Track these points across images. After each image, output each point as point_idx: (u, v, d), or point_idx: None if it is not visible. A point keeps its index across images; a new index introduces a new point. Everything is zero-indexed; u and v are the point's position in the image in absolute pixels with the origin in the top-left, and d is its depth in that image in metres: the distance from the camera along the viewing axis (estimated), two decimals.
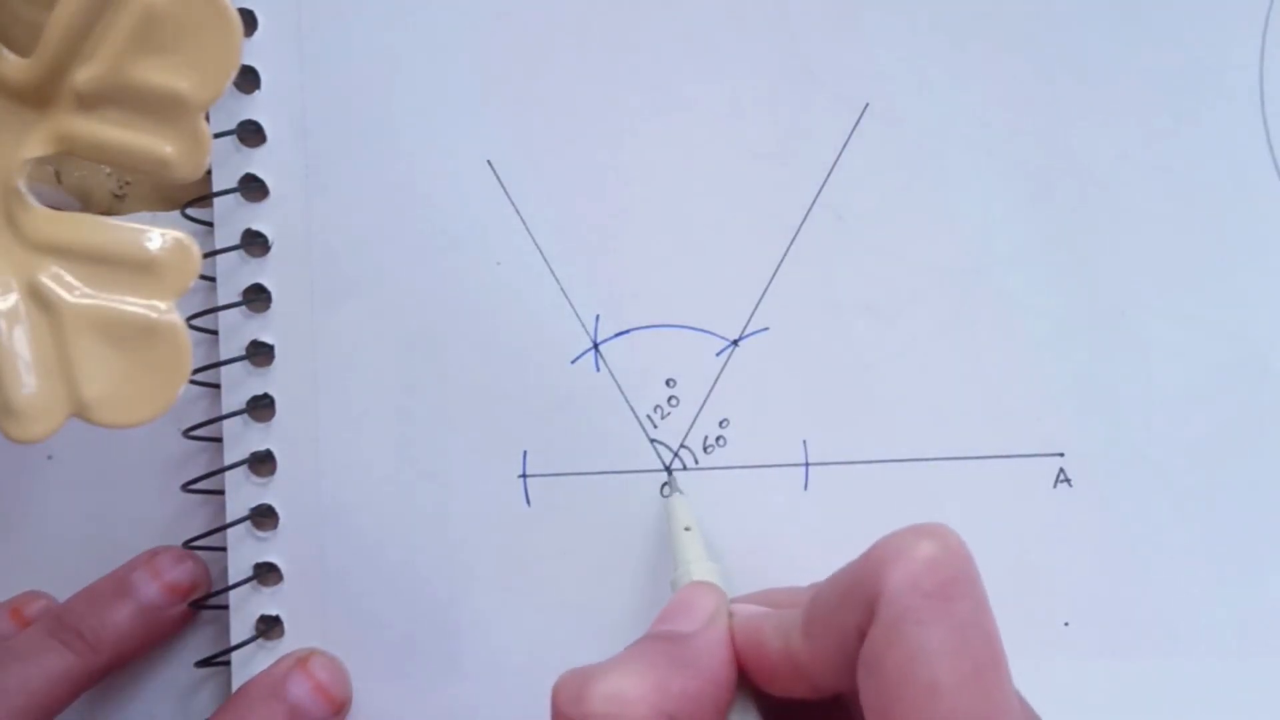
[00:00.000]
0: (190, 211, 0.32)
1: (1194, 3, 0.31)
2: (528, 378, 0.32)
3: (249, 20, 0.32)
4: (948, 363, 0.32)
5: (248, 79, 0.32)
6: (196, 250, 0.25)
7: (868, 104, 0.32)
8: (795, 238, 0.32)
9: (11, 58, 0.24)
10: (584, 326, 0.32)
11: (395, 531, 0.32)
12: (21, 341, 0.24)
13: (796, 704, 0.23)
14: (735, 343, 0.32)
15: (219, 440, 0.32)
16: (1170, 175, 0.32)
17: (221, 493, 0.32)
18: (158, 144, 0.24)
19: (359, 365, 0.32)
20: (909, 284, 0.32)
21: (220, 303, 0.32)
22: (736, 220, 0.32)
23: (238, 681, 0.32)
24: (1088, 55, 0.32)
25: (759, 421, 0.32)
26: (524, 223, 0.32)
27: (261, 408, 0.32)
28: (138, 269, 0.24)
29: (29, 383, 0.24)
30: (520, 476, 0.32)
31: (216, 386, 0.32)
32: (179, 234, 0.25)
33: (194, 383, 0.32)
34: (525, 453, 0.32)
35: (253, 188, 0.32)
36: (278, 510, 0.32)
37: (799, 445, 0.32)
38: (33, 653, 0.29)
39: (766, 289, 0.32)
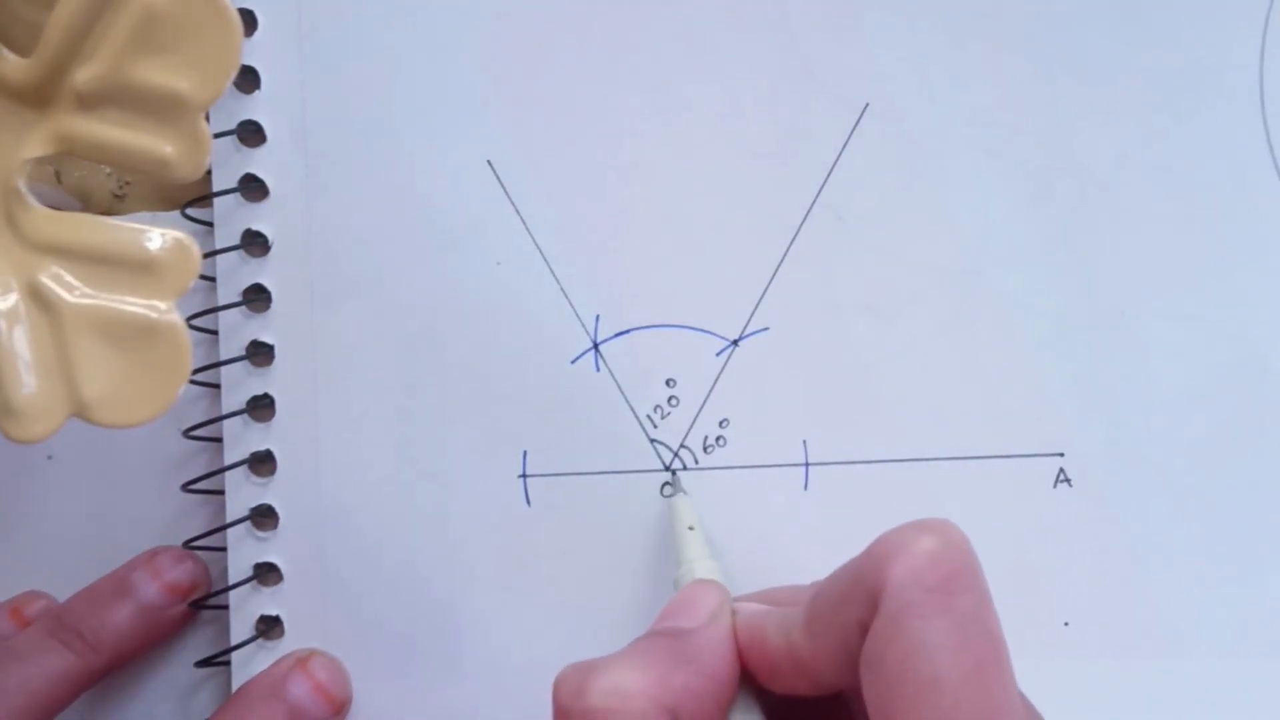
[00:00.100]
0: (190, 211, 0.32)
1: (1194, 3, 0.31)
2: (528, 378, 0.32)
3: (249, 20, 0.32)
4: (948, 363, 0.32)
5: (248, 79, 0.32)
6: (196, 250, 0.25)
7: (868, 104, 0.32)
8: (795, 238, 0.32)
9: (11, 58, 0.24)
10: (584, 326, 0.32)
11: (395, 531, 0.32)
12: (21, 341, 0.24)
13: (798, 701, 0.23)
14: (735, 343, 0.32)
15: (219, 440, 0.32)
16: (1170, 175, 0.32)
17: (221, 493, 0.32)
18: (158, 144, 0.24)
19: (359, 365, 0.32)
20: (909, 284, 0.32)
21: (220, 303, 0.32)
22: (736, 220, 0.32)
23: (238, 681, 0.32)
24: (1088, 55, 0.32)
25: (759, 421, 0.32)
26: (524, 223, 0.32)
27: (261, 408, 0.32)
28: (138, 269, 0.24)
29: (29, 383, 0.24)
30: (520, 476, 0.32)
31: (216, 386, 0.32)
32: (179, 234, 0.25)
33: (194, 383, 0.32)
34: (525, 453, 0.32)
35: (253, 188, 0.32)
36: (278, 510, 0.32)
37: (799, 445, 0.32)
38: (33, 653, 0.29)
39: (766, 289, 0.32)
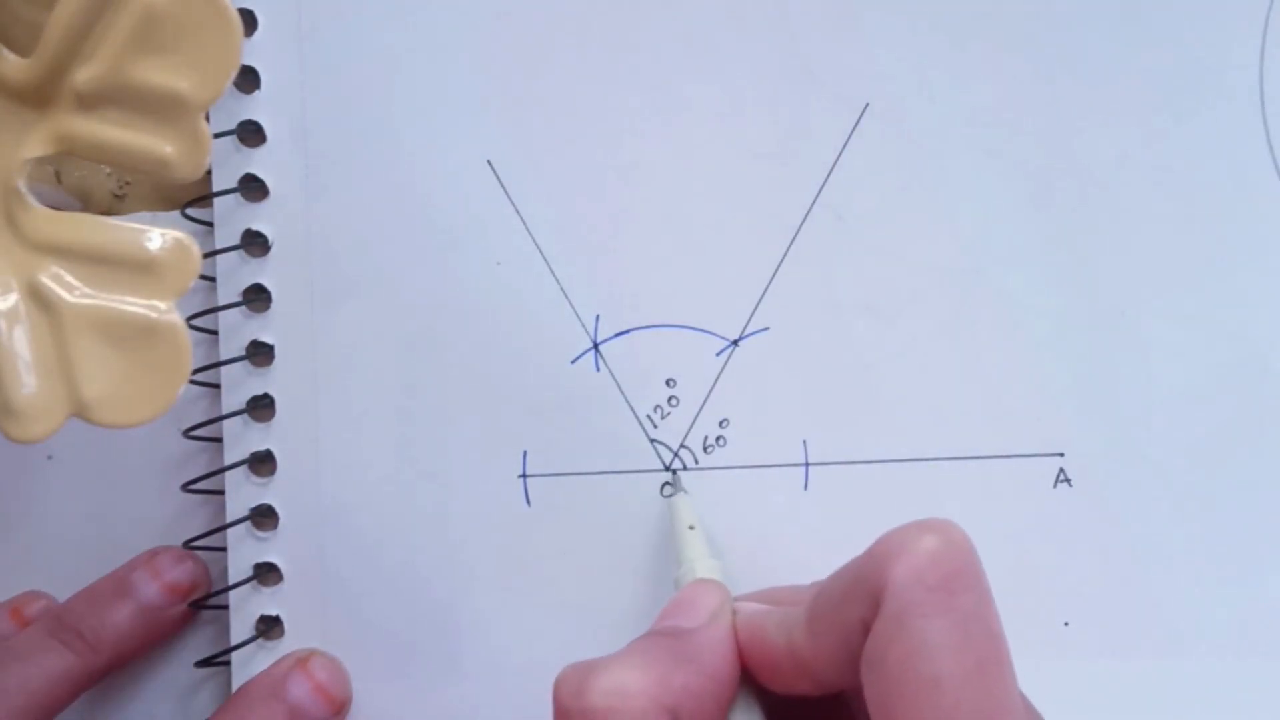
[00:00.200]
0: (190, 211, 0.32)
1: (1194, 3, 0.31)
2: (528, 378, 0.32)
3: (249, 20, 0.32)
4: (948, 363, 0.32)
5: (248, 79, 0.32)
6: (196, 250, 0.25)
7: (868, 104, 0.32)
8: (795, 238, 0.32)
9: (11, 58, 0.24)
10: (584, 326, 0.32)
11: (395, 531, 0.32)
12: (21, 341, 0.24)
13: (799, 701, 0.23)
14: (735, 343, 0.32)
15: (219, 440, 0.32)
16: (1170, 175, 0.32)
17: (221, 493, 0.32)
18: (158, 144, 0.24)
19: (359, 365, 0.32)
20: (909, 284, 0.32)
21: (220, 303, 0.32)
22: (736, 220, 0.32)
23: (238, 681, 0.32)
24: (1088, 55, 0.32)
25: (759, 421, 0.32)
26: (524, 223, 0.32)
27: (261, 408, 0.32)
28: (138, 269, 0.24)
29: (29, 383, 0.24)
30: (520, 476, 0.32)
31: (216, 386, 0.32)
32: (179, 234, 0.25)
33: (194, 383, 0.32)
34: (525, 453, 0.32)
35: (253, 188, 0.32)
36: (278, 510, 0.32)
37: (799, 445, 0.32)
38: (33, 653, 0.29)
39: (766, 289, 0.32)
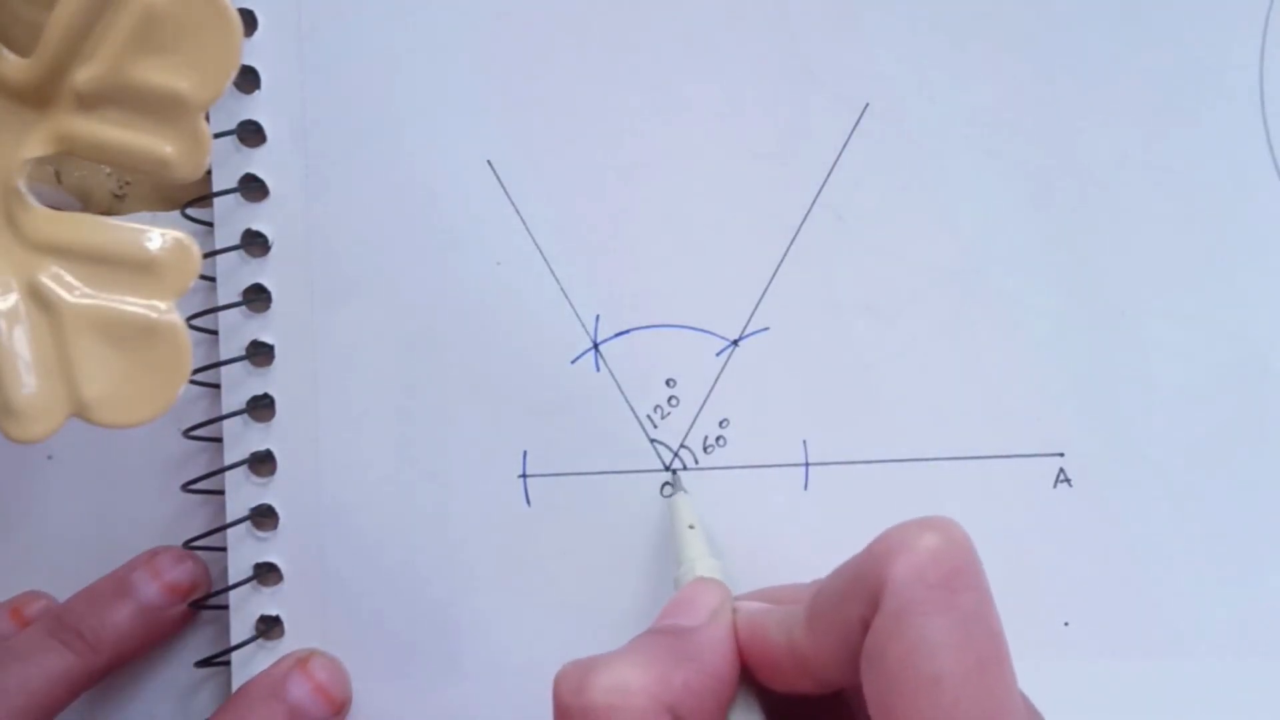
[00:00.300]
0: (190, 211, 0.32)
1: (1194, 3, 0.31)
2: (528, 378, 0.32)
3: (249, 20, 0.32)
4: (948, 363, 0.32)
5: (248, 79, 0.32)
6: (196, 250, 0.25)
7: (868, 104, 0.32)
8: (795, 238, 0.32)
9: (11, 58, 0.24)
10: (584, 326, 0.32)
11: (395, 531, 0.32)
12: (21, 341, 0.24)
13: (799, 700, 0.23)
14: (735, 343, 0.32)
15: (219, 440, 0.32)
16: (1170, 175, 0.31)
17: (221, 493, 0.32)
18: (158, 144, 0.24)
19: (359, 365, 0.32)
20: (909, 284, 0.32)
21: (220, 303, 0.32)
22: (736, 220, 0.32)
23: (238, 681, 0.32)
24: (1088, 55, 0.32)
25: (759, 421, 0.32)
26: (524, 223, 0.32)
27: (261, 408, 0.32)
28: (138, 269, 0.24)
29: (29, 383, 0.24)
30: (520, 476, 0.32)
31: (216, 386, 0.32)
32: (179, 234, 0.25)
33: (194, 383, 0.32)
34: (525, 453, 0.32)
35: (253, 188, 0.32)
36: (278, 510, 0.32)
37: (799, 445, 0.32)
38: (33, 653, 0.29)
39: (766, 289, 0.32)
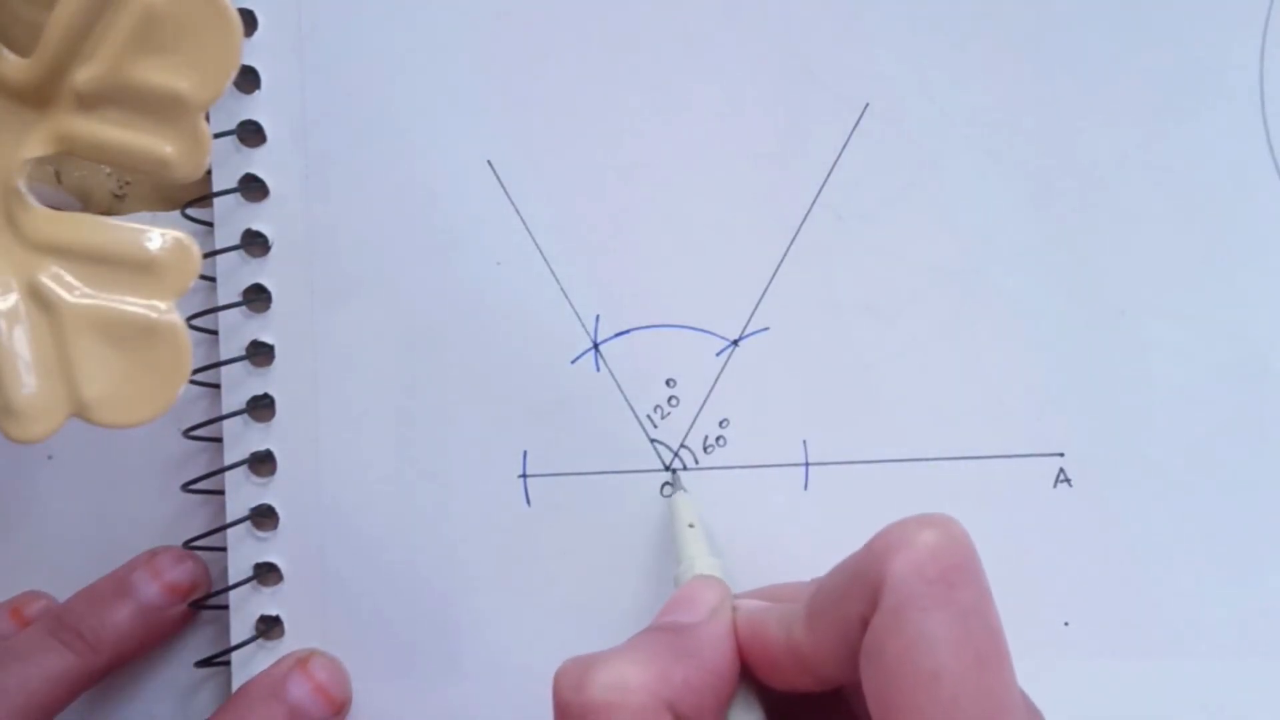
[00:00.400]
0: (190, 211, 0.32)
1: (1194, 3, 0.31)
2: (528, 378, 0.32)
3: (249, 20, 0.32)
4: (948, 363, 0.32)
5: (248, 79, 0.32)
6: (196, 250, 0.25)
7: (868, 104, 0.32)
8: (795, 238, 0.32)
9: (11, 58, 0.24)
10: (584, 326, 0.32)
11: (395, 531, 0.32)
12: (21, 341, 0.24)
13: (798, 698, 0.23)
14: (735, 343, 0.32)
15: (219, 440, 0.32)
16: (1170, 175, 0.31)
17: (221, 493, 0.32)
18: (158, 144, 0.24)
19: (359, 365, 0.32)
20: (909, 284, 0.32)
21: (220, 303, 0.32)
22: (736, 220, 0.32)
23: (238, 681, 0.32)
24: (1088, 55, 0.32)
25: (759, 421, 0.32)
26: (524, 223, 0.32)
27: (261, 408, 0.32)
28: (138, 269, 0.24)
29: (29, 383, 0.24)
30: (520, 476, 0.32)
31: (216, 386, 0.32)
32: (179, 234, 0.25)
33: (194, 383, 0.32)
34: (525, 453, 0.32)
35: (253, 188, 0.32)
36: (278, 510, 0.32)
37: (799, 445, 0.32)
38: (33, 653, 0.29)
39: (766, 289, 0.32)
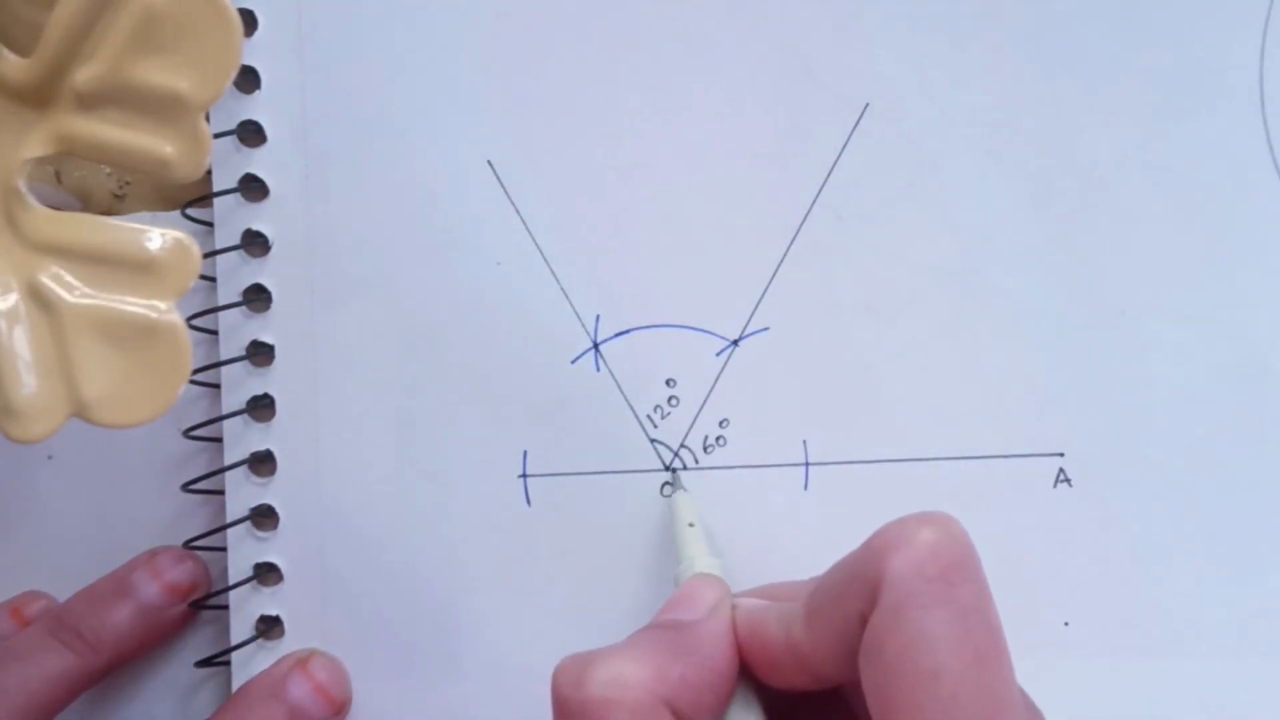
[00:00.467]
0: (190, 211, 0.32)
1: (1194, 3, 0.31)
2: (528, 378, 0.32)
3: (249, 20, 0.32)
4: (948, 363, 0.32)
5: (248, 79, 0.32)
6: (196, 250, 0.25)
7: (868, 104, 0.32)
8: (795, 238, 0.32)
9: (11, 58, 0.24)
10: (584, 326, 0.32)
11: (395, 531, 0.32)
12: (21, 341, 0.24)
13: (797, 696, 0.23)
14: (735, 343, 0.32)
15: (219, 440, 0.32)
16: (1170, 175, 0.31)
17: (221, 493, 0.32)
18: (158, 144, 0.24)
19: (359, 365, 0.32)
20: (909, 284, 0.32)
21: (220, 303, 0.32)
22: (736, 220, 0.32)
23: (238, 681, 0.32)
24: (1088, 55, 0.32)
25: (759, 421, 0.32)
26: (524, 223, 0.32)
27: (261, 408, 0.32)
28: (138, 269, 0.24)
29: (29, 383, 0.24)
30: (520, 476, 0.32)
31: (216, 386, 0.32)
32: (179, 234, 0.25)
33: (194, 383, 0.32)
34: (525, 453, 0.32)
35: (253, 188, 0.32)
36: (278, 510, 0.32)
37: (799, 445, 0.32)
38: (33, 653, 0.29)
39: (766, 289, 0.32)
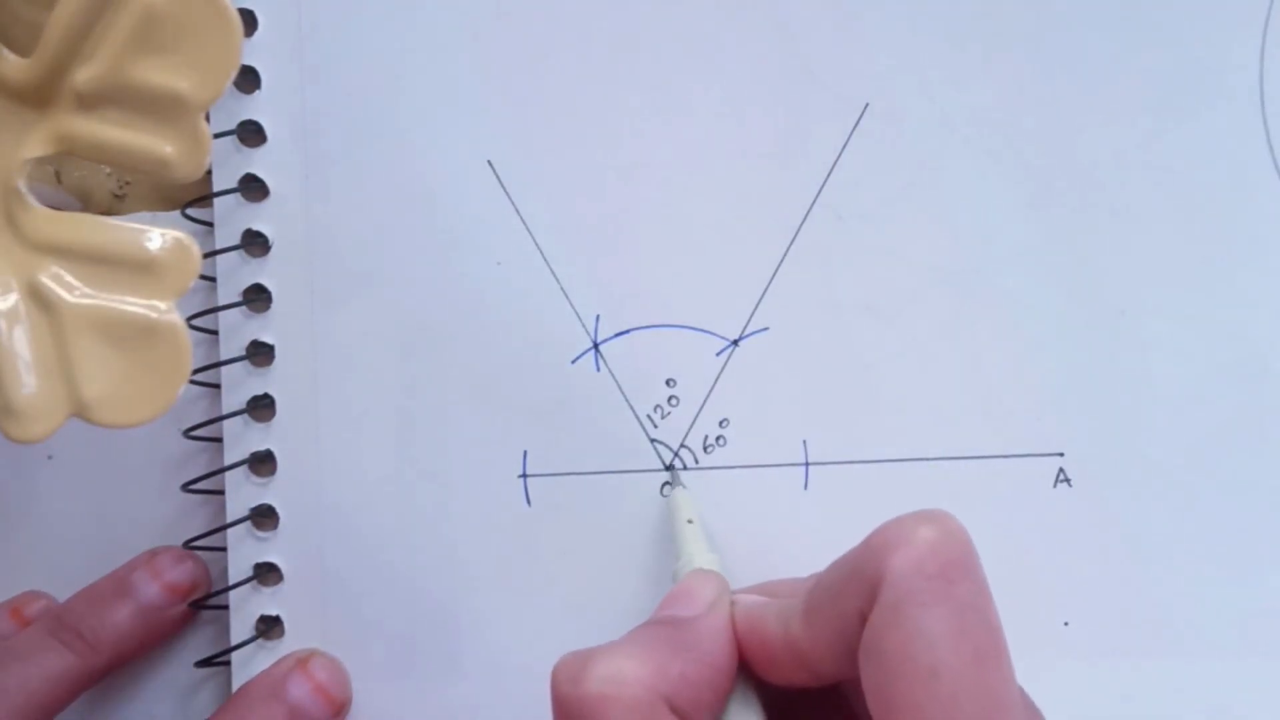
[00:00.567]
0: (190, 211, 0.32)
1: (1194, 3, 0.31)
2: (528, 378, 0.32)
3: (249, 20, 0.32)
4: (948, 363, 0.32)
5: (248, 79, 0.32)
6: (196, 250, 0.25)
7: (868, 104, 0.32)
8: (795, 238, 0.32)
9: (11, 58, 0.24)
10: (584, 326, 0.32)
11: (395, 531, 0.32)
12: (21, 341, 0.24)
13: (796, 693, 0.23)
14: (735, 343, 0.32)
15: (219, 440, 0.32)
16: (1170, 175, 0.32)
17: (221, 493, 0.32)
18: (158, 144, 0.24)
19: (359, 365, 0.32)
20: (909, 284, 0.32)
21: (220, 303, 0.32)
22: (736, 220, 0.32)
23: (238, 681, 0.32)
24: (1088, 55, 0.32)
25: (759, 421, 0.32)
26: (524, 223, 0.32)
27: (261, 408, 0.32)
28: (138, 269, 0.24)
29: (29, 383, 0.24)
30: (520, 476, 0.32)
31: (216, 386, 0.32)
32: (179, 234, 0.25)
33: (194, 383, 0.32)
34: (525, 453, 0.32)
35: (253, 188, 0.32)
36: (278, 510, 0.32)
37: (799, 445, 0.32)
38: (33, 653, 0.29)
39: (766, 289, 0.32)
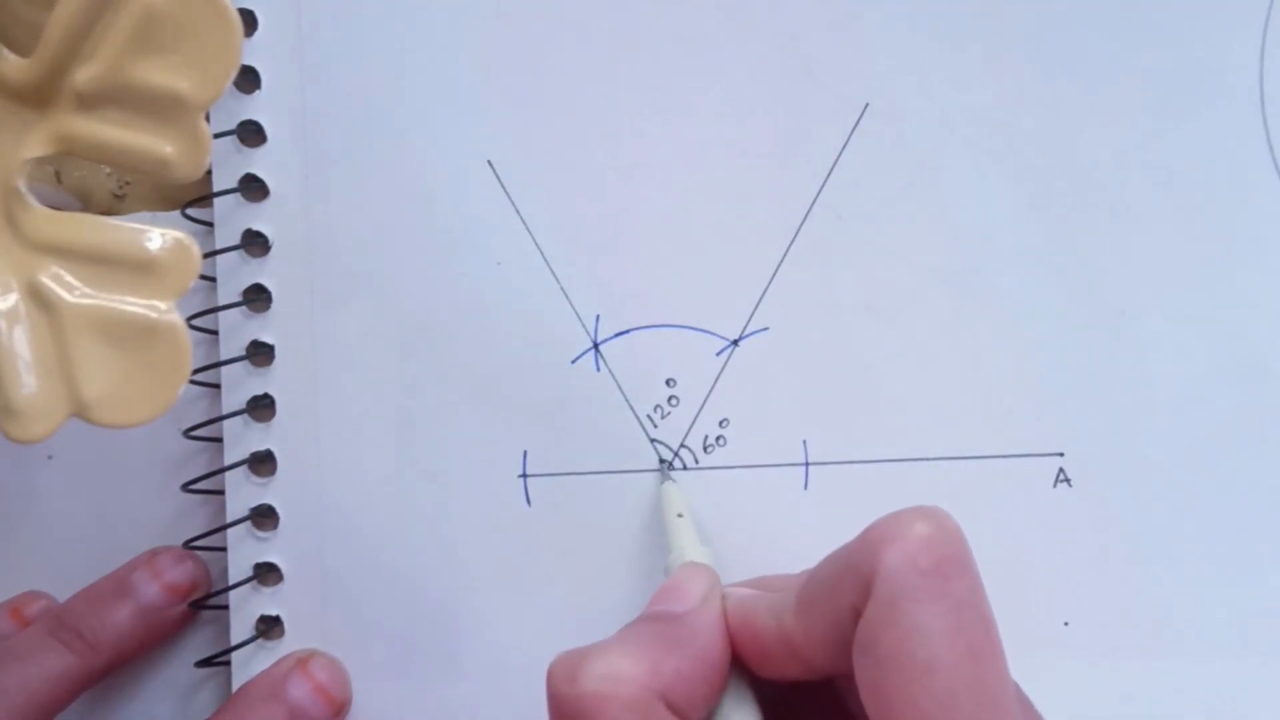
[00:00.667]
0: (190, 211, 0.32)
1: (1194, 3, 0.31)
2: (528, 378, 0.32)
3: (249, 20, 0.32)
4: (948, 363, 0.32)
5: (248, 79, 0.32)
6: (196, 250, 0.25)
7: (868, 104, 0.32)
8: (795, 238, 0.32)
9: (11, 58, 0.24)
10: (584, 326, 0.32)
11: (395, 531, 0.32)
12: (21, 341, 0.24)
13: (790, 687, 0.23)
14: (735, 343, 0.32)
15: (219, 440, 0.32)
16: (1170, 175, 0.32)
17: (221, 493, 0.32)
18: (158, 144, 0.24)
19: (359, 365, 0.32)
20: (909, 284, 0.32)
21: (220, 303, 0.32)
22: (736, 220, 0.32)
23: (238, 681, 0.32)
24: (1088, 55, 0.32)
25: (759, 421, 0.32)
26: (524, 223, 0.32)
27: (261, 408, 0.32)
28: (138, 269, 0.24)
29: (29, 383, 0.24)
30: (520, 476, 0.32)
31: (216, 386, 0.32)
32: (179, 234, 0.25)
33: (194, 383, 0.32)
34: (525, 453, 0.32)
35: (253, 188, 0.32)
36: (278, 510, 0.32)
37: (799, 445, 0.32)
38: (33, 653, 0.29)
39: (766, 289, 0.32)
